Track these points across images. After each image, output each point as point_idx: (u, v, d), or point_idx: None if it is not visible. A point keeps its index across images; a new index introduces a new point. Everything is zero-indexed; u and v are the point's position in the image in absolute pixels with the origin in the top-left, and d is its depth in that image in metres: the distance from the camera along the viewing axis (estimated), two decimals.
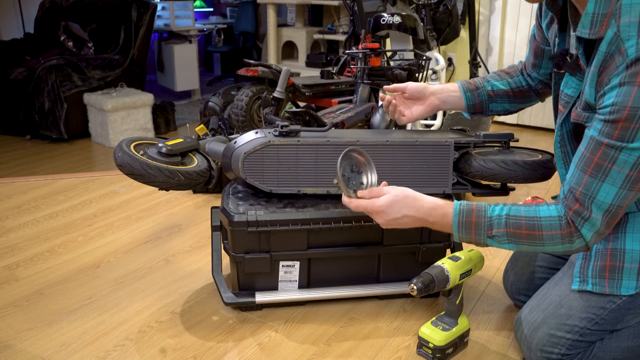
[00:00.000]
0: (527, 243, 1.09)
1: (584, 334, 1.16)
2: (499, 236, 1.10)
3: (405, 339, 1.40)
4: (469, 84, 1.46)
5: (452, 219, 1.14)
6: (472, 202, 1.16)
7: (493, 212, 1.11)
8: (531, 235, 1.08)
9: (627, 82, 0.92)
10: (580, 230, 1.04)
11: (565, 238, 1.06)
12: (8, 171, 2.88)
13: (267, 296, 1.47)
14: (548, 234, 1.06)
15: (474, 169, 1.45)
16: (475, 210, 1.13)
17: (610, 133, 0.96)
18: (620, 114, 0.93)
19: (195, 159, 1.53)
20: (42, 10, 4.11)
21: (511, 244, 1.11)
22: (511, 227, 1.09)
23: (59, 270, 1.74)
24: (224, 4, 6.35)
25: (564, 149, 1.22)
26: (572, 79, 1.14)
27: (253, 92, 2.56)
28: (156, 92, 4.19)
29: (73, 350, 1.35)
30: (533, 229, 1.07)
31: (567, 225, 1.05)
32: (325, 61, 4.43)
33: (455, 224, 1.14)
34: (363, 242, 1.47)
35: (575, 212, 1.03)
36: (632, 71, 0.91)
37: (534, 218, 1.08)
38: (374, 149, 1.42)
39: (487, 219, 1.11)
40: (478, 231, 1.12)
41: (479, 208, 1.13)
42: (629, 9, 0.92)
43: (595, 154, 0.99)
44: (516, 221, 1.09)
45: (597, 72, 0.99)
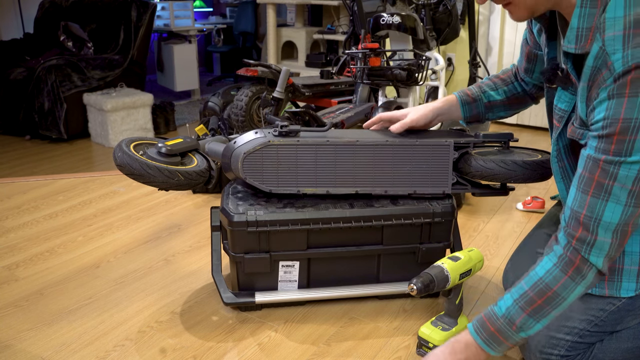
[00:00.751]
0: (550, 307, 1.01)
1: (583, 335, 1.16)
2: (525, 323, 1.03)
3: (405, 339, 1.40)
4: (467, 96, 1.46)
5: (477, 342, 1.07)
6: (480, 314, 1.09)
7: (502, 309, 1.05)
8: (547, 299, 1.01)
9: (615, 95, 0.90)
10: (588, 260, 0.98)
11: (576, 278, 0.99)
12: (8, 171, 2.88)
13: (267, 296, 1.47)
14: (559, 287, 1.00)
15: (473, 169, 1.45)
16: (487, 319, 1.06)
17: (606, 149, 0.94)
18: (613, 128, 0.91)
19: (195, 159, 1.53)
20: (42, 10, 4.11)
21: (538, 321, 1.03)
22: (527, 308, 1.02)
23: (59, 270, 1.74)
24: (224, 4, 6.35)
25: (561, 164, 1.20)
26: (564, 93, 1.12)
27: (253, 92, 2.56)
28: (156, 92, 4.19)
29: (73, 350, 1.35)
30: (543, 294, 1.01)
31: (568, 264, 0.99)
32: (324, 61, 4.43)
33: (482, 344, 1.07)
34: (363, 242, 1.47)
35: (579, 239, 0.98)
36: (620, 83, 0.89)
37: (537, 283, 1.01)
38: (374, 149, 1.42)
39: (502, 319, 1.04)
40: (506, 335, 1.04)
41: (489, 315, 1.06)
42: (613, 23, 0.92)
43: (595, 172, 0.96)
44: (525, 299, 1.02)
45: (586, 87, 0.98)
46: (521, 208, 2.23)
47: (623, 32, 0.90)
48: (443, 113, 1.46)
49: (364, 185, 1.45)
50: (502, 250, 1.87)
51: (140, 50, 3.87)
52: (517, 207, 2.25)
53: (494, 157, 1.45)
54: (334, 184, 1.43)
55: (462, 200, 2.24)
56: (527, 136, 3.39)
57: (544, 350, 1.19)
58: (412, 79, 2.22)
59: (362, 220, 1.42)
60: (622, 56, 0.89)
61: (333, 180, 1.43)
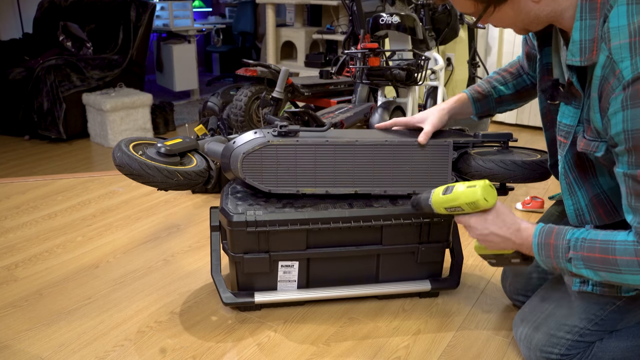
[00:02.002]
0: (604, 269, 0.99)
1: (583, 334, 1.16)
2: (576, 259, 1.02)
3: (405, 339, 1.40)
4: (478, 93, 1.46)
5: (532, 240, 1.08)
6: (554, 225, 1.09)
7: (573, 235, 1.03)
8: (605, 259, 0.99)
9: (630, 105, 0.89)
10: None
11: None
12: (7, 171, 2.88)
13: (266, 296, 1.47)
14: (623, 260, 0.97)
15: (473, 168, 1.45)
16: (555, 232, 1.06)
17: (636, 162, 0.92)
18: (637, 140, 0.90)
19: (194, 159, 1.53)
20: (41, 11, 4.10)
21: (588, 270, 1.02)
22: (586, 251, 1.01)
23: (58, 270, 1.74)
24: (223, 4, 6.35)
25: (568, 180, 1.17)
26: (568, 108, 1.10)
27: (252, 92, 2.56)
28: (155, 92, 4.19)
29: (72, 351, 1.35)
30: (606, 253, 0.98)
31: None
32: (324, 61, 4.44)
33: (535, 245, 1.08)
34: (362, 242, 1.47)
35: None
36: (631, 93, 0.89)
37: (608, 242, 0.99)
38: (373, 149, 1.42)
39: (565, 242, 1.03)
40: (557, 254, 1.04)
41: (559, 230, 1.06)
42: (618, 32, 0.92)
43: (637, 188, 0.94)
44: (591, 244, 1.00)
45: (597, 97, 0.97)
46: (520, 208, 2.23)
47: (629, 40, 0.90)
48: (456, 112, 1.47)
49: (364, 185, 1.45)
50: None
51: (140, 50, 3.87)
52: (516, 207, 2.25)
53: (493, 157, 1.45)
54: (333, 184, 1.43)
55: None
56: (527, 136, 3.39)
57: (543, 349, 1.19)
58: (411, 79, 2.22)
59: (361, 220, 1.42)
60: (631, 64, 0.89)
61: (332, 180, 1.43)
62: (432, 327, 1.45)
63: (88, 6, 4.00)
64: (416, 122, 1.47)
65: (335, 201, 1.46)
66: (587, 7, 0.96)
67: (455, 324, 1.46)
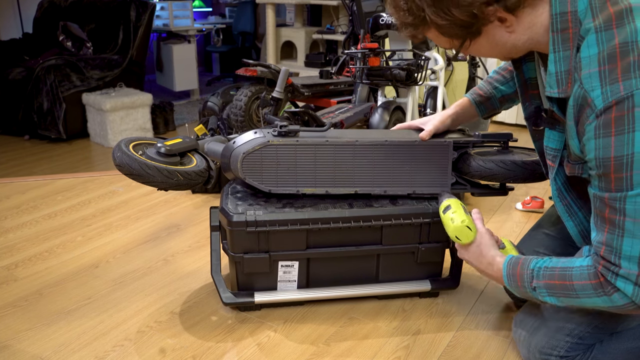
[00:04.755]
0: (563, 294, 1.03)
1: (583, 336, 1.15)
2: (539, 288, 1.06)
3: (405, 339, 1.40)
4: (480, 96, 1.46)
5: (502, 272, 1.14)
6: (522, 256, 1.15)
7: (536, 264, 1.08)
8: (564, 286, 1.03)
9: (602, 134, 0.90)
10: (614, 284, 0.97)
11: (598, 290, 0.99)
12: (7, 171, 2.88)
13: (266, 296, 1.47)
14: (579, 284, 1.01)
15: (472, 169, 1.45)
16: (521, 262, 1.11)
17: (607, 187, 0.94)
18: (608, 167, 0.92)
19: (194, 159, 1.53)
20: (41, 11, 4.10)
21: (551, 297, 1.06)
22: (547, 279, 1.05)
23: (58, 270, 1.74)
24: (223, 4, 6.34)
25: (565, 202, 1.19)
26: (553, 133, 1.12)
27: (252, 92, 2.56)
28: (155, 92, 4.19)
29: (72, 351, 1.35)
30: (564, 279, 1.03)
31: (595, 275, 0.99)
32: (324, 61, 4.43)
33: (505, 277, 1.14)
34: (362, 242, 1.47)
35: (604, 266, 0.98)
36: (603, 121, 0.90)
37: (566, 268, 1.03)
38: (373, 149, 1.42)
39: (529, 271, 1.08)
40: (523, 284, 1.09)
41: (525, 261, 1.11)
42: (589, 61, 0.92)
43: (604, 210, 0.96)
44: (551, 272, 1.05)
45: (574, 125, 0.98)
46: (520, 208, 2.23)
47: (599, 69, 0.90)
48: (459, 117, 1.47)
49: (363, 185, 1.45)
50: None
51: (140, 50, 3.87)
52: (516, 207, 2.25)
53: (493, 157, 1.45)
54: (333, 184, 1.43)
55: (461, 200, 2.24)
56: (526, 136, 3.39)
57: (543, 351, 1.19)
58: (411, 79, 2.22)
59: (361, 220, 1.42)
60: (601, 92, 0.89)
61: (332, 180, 1.43)
62: (432, 327, 1.45)
63: (88, 6, 4.00)
64: (419, 124, 1.48)
65: (335, 201, 1.46)
66: (559, 39, 0.97)
67: (455, 324, 1.46)
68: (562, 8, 0.95)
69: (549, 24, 0.97)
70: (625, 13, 0.90)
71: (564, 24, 0.95)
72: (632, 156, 0.89)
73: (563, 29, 0.96)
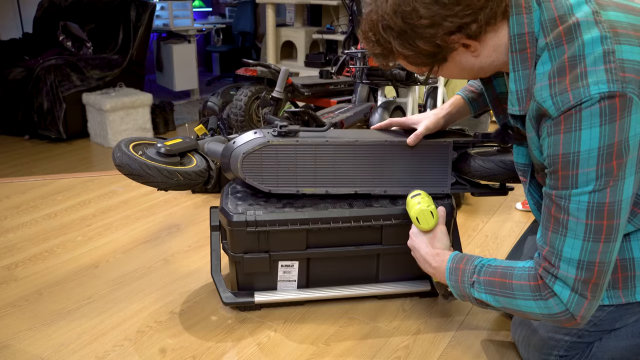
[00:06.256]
0: (501, 293, 1.05)
1: (582, 335, 1.16)
2: (478, 283, 1.08)
3: (404, 339, 1.40)
4: (472, 93, 1.46)
5: (446, 265, 1.16)
6: (468, 253, 1.16)
7: (480, 261, 1.10)
8: (503, 284, 1.04)
9: (553, 132, 0.93)
10: (552, 288, 0.99)
11: (535, 293, 1.00)
12: (7, 171, 2.88)
13: (266, 296, 1.47)
14: (517, 284, 1.03)
15: (472, 169, 1.45)
16: (465, 258, 1.13)
17: (555, 184, 0.96)
18: (556, 165, 0.94)
19: (194, 159, 1.53)
20: (41, 10, 4.10)
21: (488, 295, 1.07)
22: (488, 275, 1.07)
23: (58, 270, 1.74)
24: (223, 4, 6.35)
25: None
26: (520, 149, 1.15)
27: (252, 92, 2.56)
28: (155, 92, 4.19)
29: (72, 350, 1.35)
30: (505, 277, 1.04)
31: (535, 277, 1.01)
32: (324, 61, 4.43)
33: (447, 270, 1.15)
34: (362, 242, 1.47)
35: (545, 268, 1.00)
36: (554, 122, 0.93)
37: (509, 267, 1.05)
38: (373, 149, 1.42)
39: (472, 267, 1.10)
40: (463, 278, 1.11)
41: (470, 257, 1.13)
42: (542, 77, 0.95)
43: (551, 208, 0.98)
44: (494, 270, 1.07)
45: (535, 136, 1.00)
46: (520, 208, 2.23)
47: (549, 82, 0.94)
48: (453, 116, 1.47)
49: (363, 185, 1.45)
50: (501, 250, 1.87)
51: (140, 50, 3.87)
52: (516, 207, 2.25)
53: (493, 157, 1.45)
54: (333, 184, 1.43)
55: (461, 200, 2.24)
56: None
57: (542, 351, 1.19)
58: (411, 79, 2.22)
59: (361, 220, 1.42)
60: (553, 103, 0.92)
61: (332, 180, 1.43)
62: (432, 327, 1.45)
63: (88, 6, 4.00)
64: (411, 124, 1.47)
65: (335, 201, 1.46)
66: (519, 59, 1.00)
67: (455, 324, 1.46)
68: (520, 29, 0.99)
69: (508, 45, 1.01)
70: (573, 28, 0.94)
71: (522, 44, 0.99)
72: (577, 155, 0.91)
73: (522, 49, 1.00)
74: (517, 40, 1.00)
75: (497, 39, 1.02)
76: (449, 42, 1.00)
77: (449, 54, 1.03)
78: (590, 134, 0.89)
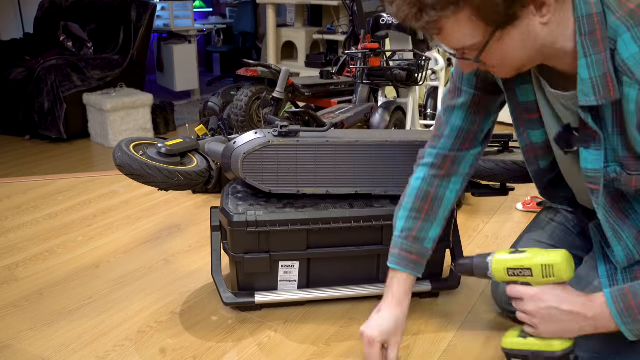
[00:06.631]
0: None
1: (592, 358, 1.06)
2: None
3: (405, 339, 1.40)
4: (413, 262, 1.26)
5: (610, 309, 0.94)
6: (621, 285, 0.98)
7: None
8: None
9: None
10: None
11: None
12: (7, 171, 2.88)
13: (267, 296, 1.47)
14: None
15: None
16: (630, 292, 0.93)
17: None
18: None
19: (195, 159, 1.53)
20: (42, 11, 4.11)
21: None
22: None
23: (59, 270, 1.74)
24: (224, 4, 6.35)
25: (613, 227, 1.07)
26: (589, 152, 1.01)
27: (252, 93, 2.56)
28: (156, 92, 4.19)
29: (73, 351, 1.35)
30: None
31: None
32: (324, 61, 4.43)
33: (615, 314, 0.93)
34: (362, 242, 1.47)
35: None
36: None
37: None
38: (374, 149, 1.42)
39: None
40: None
41: (633, 289, 0.93)
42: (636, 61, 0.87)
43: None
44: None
45: (636, 130, 0.91)
46: (521, 208, 2.23)
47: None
48: (408, 305, 1.26)
49: (364, 186, 1.45)
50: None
51: (140, 51, 3.87)
52: (516, 207, 2.25)
53: (494, 158, 1.46)
54: (333, 184, 1.44)
55: (462, 200, 2.24)
56: None
57: None
58: (412, 79, 2.22)
59: (361, 221, 1.42)
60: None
61: (333, 180, 1.43)
62: (433, 328, 1.45)
63: (89, 6, 4.00)
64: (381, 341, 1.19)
65: (335, 201, 1.46)
66: (589, 42, 0.90)
67: (455, 325, 1.46)
68: (588, 10, 0.90)
69: (575, 28, 0.92)
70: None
71: (591, 26, 0.90)
72: None
73: (591, 31, 0.90)
74: (585, 22, 0.90)
75: (563, 13, 0.91)
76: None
77: (521, 10, 0.87)
78: None
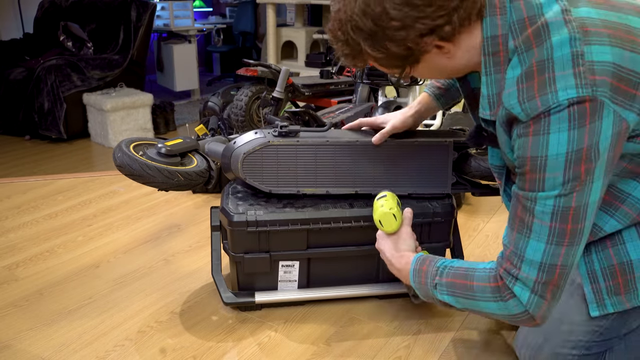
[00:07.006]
0: (462, 295, 1.04)
1: (590, 347, 1.12)
2: (440, 285, 1.07)
3: (405, 339, 1.40)
4: (438, 89, 1.44)
5: (410, 267, 1.14)
6: (434, 255, 1.15)
7: (443, 263, 1.09)
8: (464, 285, 1.04)
9: (522, 134, 0.92)
10: (512, 289, 0.97)
11: (496, 294, 0.99)
12: (7, 171, 2.88)
13: (267, 296, 1.47)
14: (479, 286, 1.02)
15: (473, 168, 1.45)
16: (428, 260, 1.12)
17: (522, 185, 0.95)
18: (524, 166, 0.93)
19: (195, 160, 1.53)
20: (42, 11, 4.11)
21: (450, 296, 1.06)
22: (450, 277, 1.06)
23: (59, 270, 1.74)
24: (224, 4, 6.35)
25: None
26: (495, 151, 1.13)
27: (252, 92, 2.56)
28: (156, 92, 4.19)
29: (73, 350, 1.35)
30: (466, 279, 1.03)
31: (495, 278, 1.00)
32: (324, 61, 4.43)
33: (411, 272, 1.14)
34: (362, 241, 1.47)
35: (505, 269, 0.98)
36: (525, 124, 0.91)
37: (471, 269, 1.04)
38: (374, 149, 1.42)
39: (434, 269, 1.09)
40: (426, 280, 1.10)
41: (433, 259, 1.12)
42: (511, 82, 0.93)
43: (517, 208, 0.97)
44: (456, 271, 1.06)
45: (507, 138, 0.99)
46: None
47: (517, 87, 0.91)
48: (422, 115, 1.45)
49: (364, 185, 1.45)
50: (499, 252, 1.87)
51: (140, 50, 3.87)
52: None
53: None
54: (333, 184, 1.44)
55: (461, 200, 2.24)
56: None
57: None
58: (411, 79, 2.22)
59: (362, 220, 1.42)
60: (522, 109, 0.90)
61: (333, 180, 1.43)
62: (433, 328, 1.45)
63: (89, 6, 4.00)
64: (380, 123, 1.46)
65: (335, 201, 1.46)
66: (491, 62, 0.97)
67: (455, 325, 1.46)
68: (493, 31, 0.96)
69: (481, 47, 0.98)
70: (542, 30, 0.90)
71: (495, 47, 0.96)
72: (545, 159, 0.90)
73: (494, 52, 0.96)
74: (490, 43, 0.96)
75: (471, 40, 0.98)
76: (421, 45, 0.96)
77: (422, 56, 0.99)
78: (558, 139, 0.88)
